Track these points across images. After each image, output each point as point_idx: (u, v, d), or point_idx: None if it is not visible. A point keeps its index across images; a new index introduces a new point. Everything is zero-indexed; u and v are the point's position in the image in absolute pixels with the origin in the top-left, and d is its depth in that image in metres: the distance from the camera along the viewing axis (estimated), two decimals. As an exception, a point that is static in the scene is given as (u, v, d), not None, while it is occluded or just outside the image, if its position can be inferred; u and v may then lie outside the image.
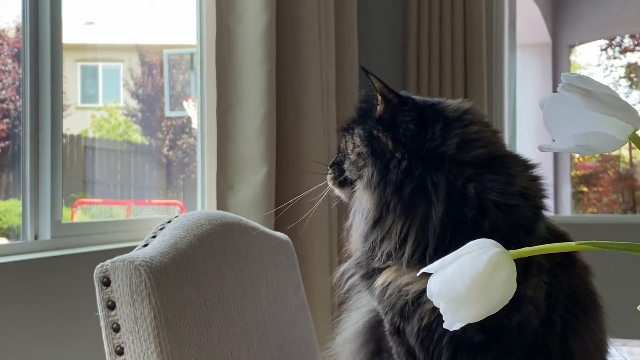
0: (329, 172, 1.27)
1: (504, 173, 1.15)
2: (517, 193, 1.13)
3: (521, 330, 1.13)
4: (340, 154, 1.26)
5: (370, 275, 1.20)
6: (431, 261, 1.12)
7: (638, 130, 0.63)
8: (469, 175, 1.13)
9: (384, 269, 1.18)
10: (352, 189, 1.22)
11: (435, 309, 1.12)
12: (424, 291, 1.12)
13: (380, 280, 1.17)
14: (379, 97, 1.20)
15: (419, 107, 1.20)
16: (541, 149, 0.64)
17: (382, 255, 1.16)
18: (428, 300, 1.12)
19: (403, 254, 1.14)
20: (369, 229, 1.17)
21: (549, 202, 1.21)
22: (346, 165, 1.22)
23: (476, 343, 1.14)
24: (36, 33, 2.22)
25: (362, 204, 1.18)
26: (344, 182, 1.24)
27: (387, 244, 1.15)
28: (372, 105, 1.23)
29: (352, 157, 1.21)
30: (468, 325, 0.64)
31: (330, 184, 1.27)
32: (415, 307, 1.14)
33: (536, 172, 1.21)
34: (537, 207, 1.17)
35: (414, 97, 1.24)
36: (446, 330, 1.12)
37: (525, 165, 1.20)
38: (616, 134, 0.62)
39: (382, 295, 1.17)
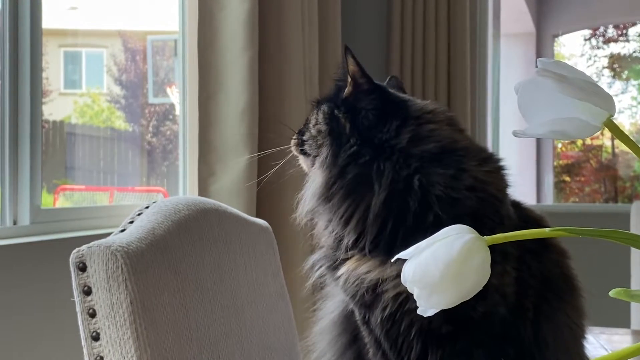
0: (294, 137, 1.31)
1: (453, 167, 1.15)
2: (463, 187, 1.13)
3: (488, 319, 1.13)
4: (305, 125, 1.30)
5: (336, 266, 1.20)
6: (373, 248, 1.14)
7: (612, 116, 0.63)
8: (415, 167, 1.15)
9: (348, 259, 1.19)
10: (313, 162, 1.25)
11: (396, 297, 1.13)
12: (380, 280, 1.13)
13: (343, 269, 1.18)
14: (349, 79, 1.22)
15: (385, 99, 1.22)
16: (515, 134, 0.64)
17: (345, 245, 1.19)
18: (388, 289, 1.13)
19: (354, 240, 1.17)
20: (315, 206, 1.21)
21: (510, 191, 1.21)
22: (306, 138, 1.26)
23: (444, 334, 1.14)
24: (16, 17, 2.19)
25: (314, 181, 1.22)
26: (305, 152, 1.28)
27: (337, 228, 1.18)
28: (345, 85, 1.24)
29: (313, 132, 1.25)
30: (434, 316, 0.65)
31: (293, 149, 1.31)
32: (374, 296, 1.15)
33: (493, 166, 1.20)
34: (493, 197, 1.16)
35: (388, 90, 1.26)
36: (413, 322, 1.13)
37: (481, 160, 1.19)
38: (591, 120, 0.62)
39: (345, 285, 1.18)
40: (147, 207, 1.27)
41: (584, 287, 1.25)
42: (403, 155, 1.16)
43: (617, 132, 0.63)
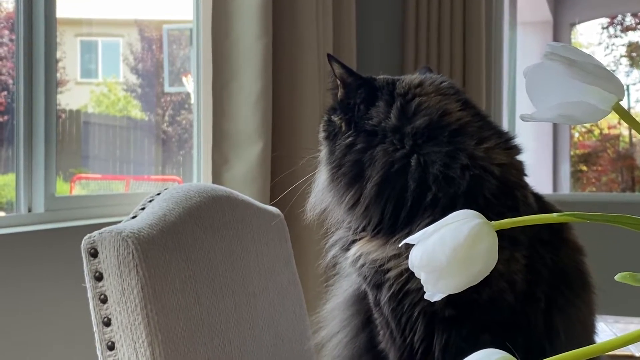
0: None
1: (447, 144, 1.15)
2: (459, 166, 1.13)
3: (494, 305, 1.12)
4: None
5: (348, 247, 1.22)
6: (378, 230, 1.16)
7: (621, 100, 0.62)
8: (410, 146, 1.16)
9: (358, 240, 1.20)
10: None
11: (399, 276, 1.13)
12: (384, 259, 1.14)
13: (353, 251, 1.20)
14: (339, 83, 1.27)
15: (373, 87, 1.25)
16: (523, 118, 0.63)
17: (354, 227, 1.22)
18: (391, 268, 1.14)
19: (360, 224, 1.20)
20: (322, 198, 1.27)
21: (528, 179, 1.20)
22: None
23: (447, 318, 1.14)
24: (30, 7, 2.20)
25: (319, 178, 1.29)
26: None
27: (344, 215, 1.23)
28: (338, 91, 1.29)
29: (320, 140, 1.30)
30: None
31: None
32: (380, 275, 1.16)
33: (490, 143, 1.18)
34: (494, 177, 1.15)
35: (376, 77, 1.27)
36: (415, 302, 1.13)
37: (480, 139, 1.18)
38: (599, 104, 0.61)
39: (353, 265, 1.20)
40: (158, 194, 1.27)
41: (598, 280, 1.24)
42: (397, 136, 1.17)
43: (626, 117, 0.62)
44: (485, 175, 1.13)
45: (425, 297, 0.65)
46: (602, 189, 6.62)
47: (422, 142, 1.16)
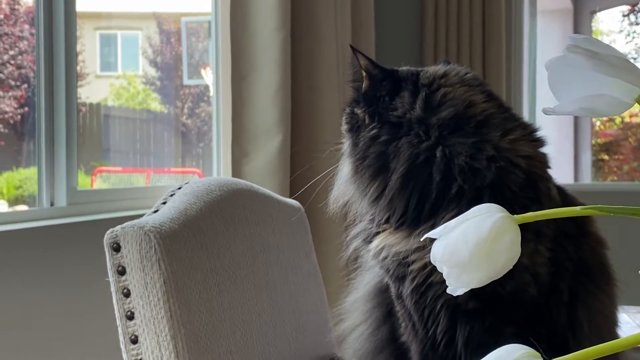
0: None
1: (473, 135, 1.15)
2: (484, 157, 1.13)
3: (518, 298, 1.12)
4: None
5: (370, 240, 1.22)
6: (401, 222, 1.16)
7: (645, 92, 0.62)
8: (436, 137, 1.15)
9: (380, 232, 1.20)
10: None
11: (423, 268, 1.13)
12: (407, 252, 1.14)
13: (375, 243, 1.19)
14: (364, 74, 1.25)
15: (397, 78, 1.24)
16: (545, 111, 0.63)
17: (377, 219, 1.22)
18: (415, 260, 1.14)
19: (383, 216, 1.19)
20: (345, 190, 1.27)
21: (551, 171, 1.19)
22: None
23: (471, 310, 1.13)
24: (50, 0, 2.21)
25: (342, 170, 1.28)
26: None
27: (368, 208, 1.22)
28: (361, 84, 1.27)
29: (343, 133, 1.29)
30: None
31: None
32: (404, 267, 1.16)
33: (515, 135, 1.18)
34: (520, 169, 1.14)
35: (399, 69, 1.26)
36: (439, 295, 1.13)
37: (506, 129, 1.17)
38: (622, 97, 0.61)
39: (376, 257, 1.20)
40: (179, 188, 1.28)
41: (621, 272, 1.23)
42: (423, 127, 1.16)
43: (650, 109, 0.62)
44: (511, 168, 1.13)
45: (448, 291, 0.65)
46: (623, 178, 6.57)
47: (447, 134, 1.15)
